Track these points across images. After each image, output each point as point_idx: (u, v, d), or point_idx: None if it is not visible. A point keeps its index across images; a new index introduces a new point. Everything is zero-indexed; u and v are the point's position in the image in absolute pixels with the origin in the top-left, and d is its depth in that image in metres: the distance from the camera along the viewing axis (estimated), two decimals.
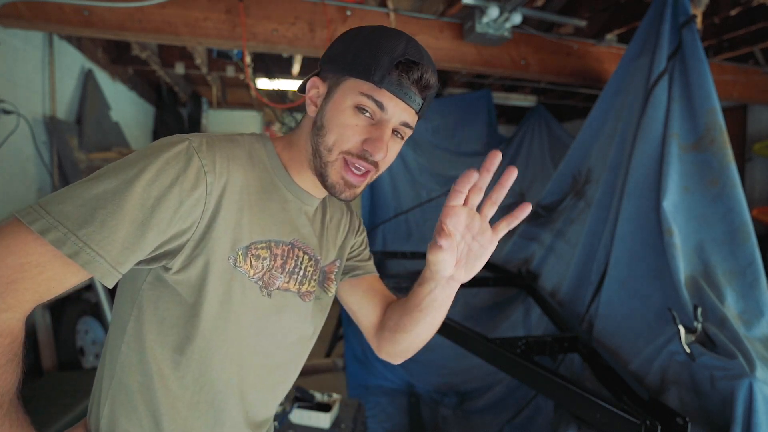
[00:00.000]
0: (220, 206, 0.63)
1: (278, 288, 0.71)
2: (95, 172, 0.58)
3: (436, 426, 2.40)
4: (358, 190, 0.70)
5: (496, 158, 0.59)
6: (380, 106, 0.65)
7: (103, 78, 3.54)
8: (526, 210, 0.62)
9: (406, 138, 0.71)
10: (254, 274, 0.67)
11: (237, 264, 0.65)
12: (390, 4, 2.30)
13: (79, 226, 0.53)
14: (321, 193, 0.75)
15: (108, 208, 0.55)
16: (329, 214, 0.82)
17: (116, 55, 3.73)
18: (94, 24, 1.97)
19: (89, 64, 3.32)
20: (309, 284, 0.76)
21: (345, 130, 0.66)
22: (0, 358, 0.52)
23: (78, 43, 3.12)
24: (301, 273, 0.74)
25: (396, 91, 0.64)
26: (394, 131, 0.68)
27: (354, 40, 0.67)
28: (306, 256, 0.74)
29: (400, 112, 0.66)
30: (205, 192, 0.61)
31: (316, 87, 0.70)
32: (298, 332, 0.77)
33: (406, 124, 0.68)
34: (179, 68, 3.65)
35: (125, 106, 4.13)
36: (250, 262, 0.67)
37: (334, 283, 0.83)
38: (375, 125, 0.66)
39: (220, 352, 0.67)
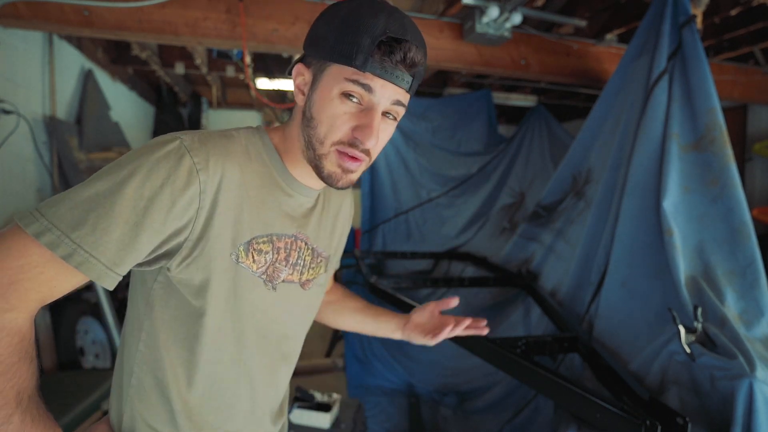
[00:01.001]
0: (216, 203, 0.62)
1: (283, 280, 0.72)
2: (92, 175, 0.58)
3: (436, 426, 2.40)
4: (354, 176, 0.69)
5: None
6: (367, 89, 0.62)
7: (103, 78, 3.55)
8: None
9: (399, 118, 0.69)
10: (257, 269, 0.68)
11: (239, 260, 0.66)
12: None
13: (72, 229, 0.54)
14: (319, 184, 0.76)
15: (99, 210, 0.55)
16: (329, 201, 0.84)
17: (116, 55, 3.74)
18: (94, 24, 1.97)
19: (89, 64, 3.32)
20: (308, 273, 0.78)
21: (335, 120, 0.64)
22: (12, 356, 0.53)
23: (78, 43, 3.12)
24: (302, 263, 0.76)
25: (381, 73, 0.61)
26: (386, 113, 0.66)
27: (333, 20, 0.64)
28: (306, 247, 0.76)
29: (389, 94, 0.64)
30: (199, 190, 0.60)
31: (302, 74, 0.69)
32: (299, 320, 0.80)
33: (398, 103, 0.65)
34: (179, 68, 3.65)
35: (125, 106, 4.13)
36: (252, 257, 0.67)
37: (328, 265, 0.86)
38: (364, 111, 0.64)
39: (228, 348, 0.69)
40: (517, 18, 2.12)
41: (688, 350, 1.34)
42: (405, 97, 0.66)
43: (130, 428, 0.69)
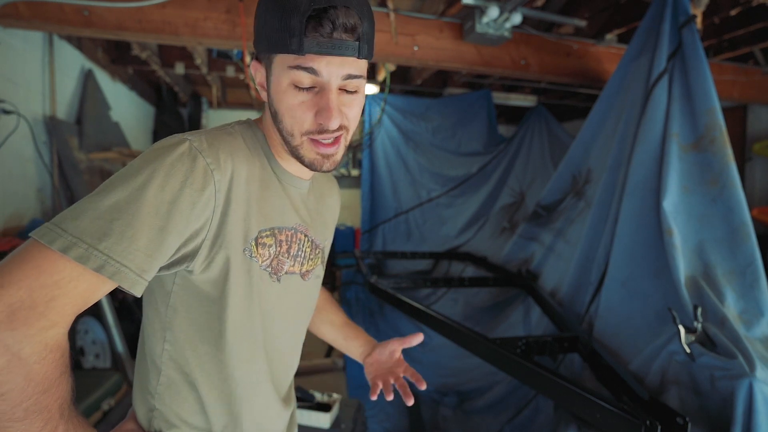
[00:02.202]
0: (229, 201, 0.64)
1: (286, 272, 0.74)
2: (102, 184, 0.58)
3: (436, 426, 2.40)
4: (338, 157, 0.69)
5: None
6: (312, 72, 0.61)
7: (103, 78, 3.55)
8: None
9: (362, 89, 0.67)
10: (263, 262, 0.70)
11: (252, 255, 0.68)
12: (390, 4, 2.30)
13: (98, 240, 0.54)
14: (307, 174, 0.77)
15: (124, 218, 0.55)
16: (320, 192, 0.86)
17: (116, 55, 3.73)
18: (94, 24, 1.97)
19: (89, 64, 3.32)
20: (308, 264, 0.79)
21: (294, 111, 0.64)
22: (55, 371, 0.54)
23: (78, 43, 3.12)
24: (302, 255, 0.77)
25: (320, 50, 0.59)
26: (345, 89, 0.65)
27: (262, 9, 0.63)
28: (306, 238, 0.77)
29: (337, 69, 0.61)
30: (214, 190, 0.61)
31: (259, 71, 0.69)
32: (302, 309, 0.82)
33: (350, 76, 0.63)
34: (179, 68, 3.65)
35: (125, 106, 4.13)
36: (259, 250, 0.69)
37: (325, 256, 0.88)
38: (319, 94, 0.63)
39: (249, 342, 0.71)
40: (517, 18, 2.12)
41: (688, 350, 1.34)
42: (357, 66, 0.63)
43: (163, 422, 0.71)
